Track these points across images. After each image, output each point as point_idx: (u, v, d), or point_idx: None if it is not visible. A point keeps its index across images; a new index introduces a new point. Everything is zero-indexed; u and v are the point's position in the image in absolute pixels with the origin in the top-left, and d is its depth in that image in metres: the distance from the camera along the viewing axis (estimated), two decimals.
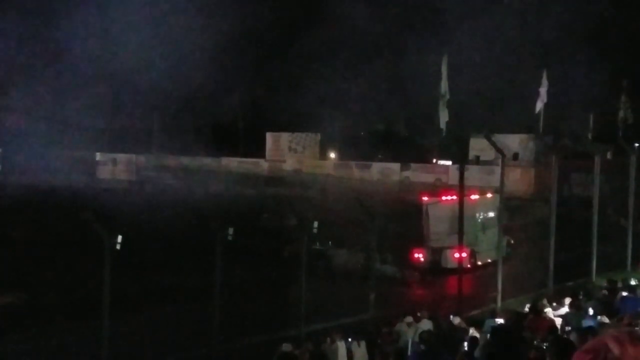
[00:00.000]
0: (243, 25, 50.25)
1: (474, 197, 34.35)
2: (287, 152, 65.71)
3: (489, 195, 35.44)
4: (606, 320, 15.55)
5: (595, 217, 28.13)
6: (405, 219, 35.40)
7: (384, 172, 59.52)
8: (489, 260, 31.56)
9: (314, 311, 22.64)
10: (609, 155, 40.45)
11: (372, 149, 62.60)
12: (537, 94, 53.15)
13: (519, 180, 49.39)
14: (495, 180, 34.17)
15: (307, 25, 57.47)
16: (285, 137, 66.19)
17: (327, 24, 55.07)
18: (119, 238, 17.86)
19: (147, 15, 47.58)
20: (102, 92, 56.58)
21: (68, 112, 50.03)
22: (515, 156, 51.65)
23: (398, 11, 56.24)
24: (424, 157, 60.60)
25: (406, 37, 51.16)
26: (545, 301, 19.84)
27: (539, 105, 53.32)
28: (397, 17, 55.45)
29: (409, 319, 19.77)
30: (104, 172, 68.63)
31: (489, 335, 15.71)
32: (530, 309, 18.42)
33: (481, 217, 34.32)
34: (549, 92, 52.72)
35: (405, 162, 59.16)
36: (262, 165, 65.29)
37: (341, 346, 18.09)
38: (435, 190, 40.56)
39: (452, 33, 49.82)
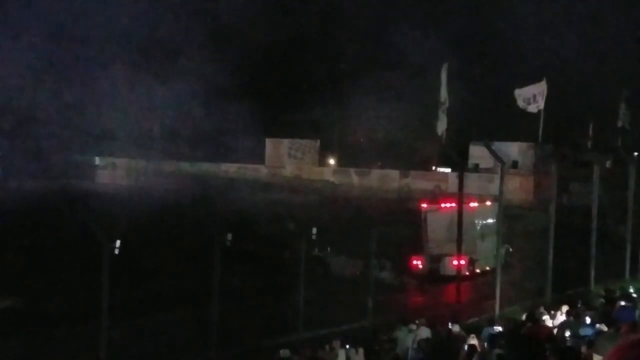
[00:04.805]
0: (245, 31, 50.32)
1: (473, 204, 34.34)
2: (286, 158, 65.71)
3: (488, 203, 35.41)
4: (604, 328, 15.54)
5: (594, 226, 28.15)
6: (404, 226, 35.37)
7: (383, 179, 59.47)
8: (488, 268, 31.57)
9: (312, 317, 22.63)
10: (608, 164, 40.48)
11: (371, 155, 62.57)
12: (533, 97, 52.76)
13: (518, 188, 49.30)
14: (495, 188, 34.11)
15: (307, 32, 57.55)
16: (284, 143, 66.19)
17: (328, 30, 55.17)
18: (118, 243, 17.87)
19: (148, 20, 47.63)
20: (102, 96, 56.58)
21: (68, 115, 50.05)
22: (515, 164, 51.57)
23: (398, 18, 56.30)
24: (423, 165, 60.55)
25: (406, 44, 51.20)
26: (542, 309, 19.84)
27: (533, 108, 52.73)
28: (396, 24, 55.50)
29: (408, 326, 19.75)
30: (104, 177, 68.60)
31: (486, 344, 15.74)
32: (527, 317, 18.40)
33: (480, 224, 34.30)
34: (548, 100, 52.57)
35: (404, 169, 59.12)
36: (262, 171, 65.29)
37: (341, 354, 18.01)
38: (435, 197, 40.54)
39: (452, 40, 49.89)
